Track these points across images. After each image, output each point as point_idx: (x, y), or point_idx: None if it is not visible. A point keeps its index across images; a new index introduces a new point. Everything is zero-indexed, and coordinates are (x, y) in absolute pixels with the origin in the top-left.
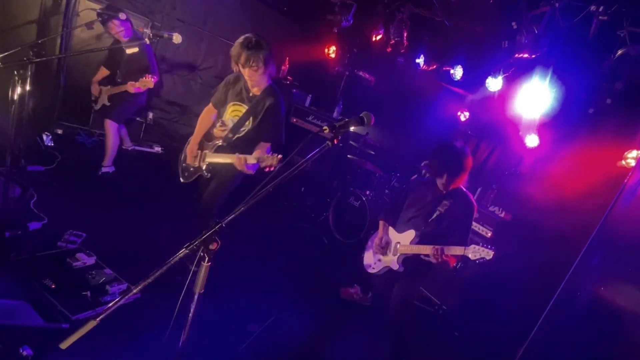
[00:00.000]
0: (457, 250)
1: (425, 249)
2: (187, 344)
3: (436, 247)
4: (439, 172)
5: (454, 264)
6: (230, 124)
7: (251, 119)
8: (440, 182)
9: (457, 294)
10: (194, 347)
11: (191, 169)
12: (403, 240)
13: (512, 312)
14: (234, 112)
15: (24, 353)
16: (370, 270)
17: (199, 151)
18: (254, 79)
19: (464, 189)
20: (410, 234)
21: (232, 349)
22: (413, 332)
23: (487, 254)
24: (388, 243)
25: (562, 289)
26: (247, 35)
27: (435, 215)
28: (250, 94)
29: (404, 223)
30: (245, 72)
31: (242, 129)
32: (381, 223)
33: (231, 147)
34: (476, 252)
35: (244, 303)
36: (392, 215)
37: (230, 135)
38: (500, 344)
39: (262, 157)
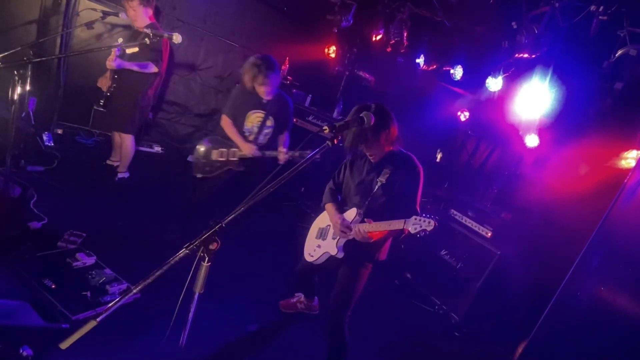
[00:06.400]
0: (396, 225)
1: (363, 227)
2: (187, 344)
3: (361, 224)
4: (361, 141)
5: (380, 238)
6: (255, 130)
7: (271, 119)
8: (368, 152)
9: (457, 294)
10: (193, 347)
11: (217, 164)
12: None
13: (512, 312)
14: (256, 118)
15: (24, 353)
16: (309, 259)
17: (226, 149)
18: (269, 91)
19: (404, 151)
20: (352, 212)
21: (232, 349)
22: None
23: (428, 224)
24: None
25: (562, 289)
26: (262, 57)
27: (376, 187)
28: (264, 101)
29: (346, 200)
30: (261, 88)
31: (266, 131)
32: (329, 206)
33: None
34: (416, 224)
35: (243, 303)
36: (336, 196)
37: (261, 138)
38: (500, 344)
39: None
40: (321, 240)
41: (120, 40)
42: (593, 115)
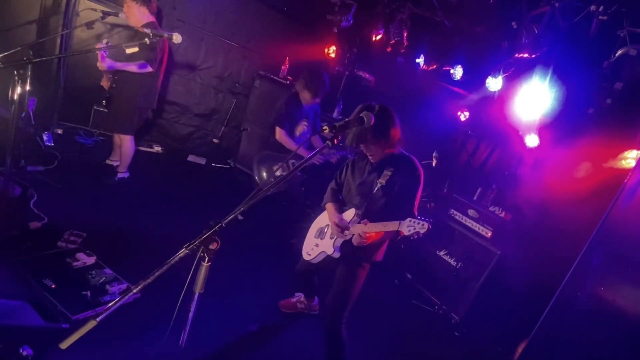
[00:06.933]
0: (391, 226)
1: (359, 228)
2: (187, 344)
3: (358, 225)
4: (361, 141)
5: (376, 240)
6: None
7: (309, 125)
8: (367, 152)
9: (457, 294)
10: (193, 347)
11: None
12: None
13: (512, 312)
14: (302, 127)
15: (24, 353)
16: (307, 258)
17: (283, 163)
18: (318, 101)
19: (406, 153)
20: (350, 213)
21: (232, 349)
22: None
23: (422, 226)
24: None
25: (562, 289)
26: (319, 72)
27: (376, 188)
28: (305, 109)
29: (346, 201)
30: (315, 99)
31: (307, 136)
32: (329, 205)
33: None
34: (410, 227)
35: (243, 303)
36: (336, 196)
37: (306, 144)
38: (500, 344)
39: None
40: (319, 240)
41: (105, 41)
42: (593, 115)
